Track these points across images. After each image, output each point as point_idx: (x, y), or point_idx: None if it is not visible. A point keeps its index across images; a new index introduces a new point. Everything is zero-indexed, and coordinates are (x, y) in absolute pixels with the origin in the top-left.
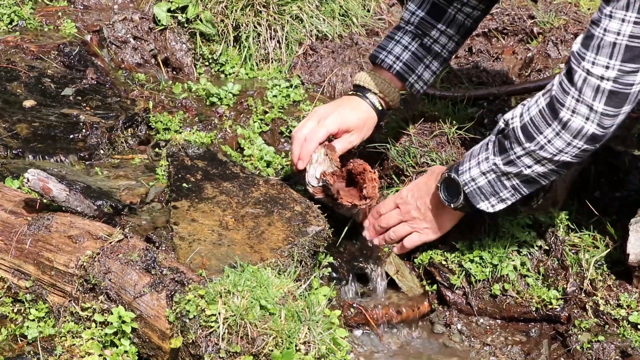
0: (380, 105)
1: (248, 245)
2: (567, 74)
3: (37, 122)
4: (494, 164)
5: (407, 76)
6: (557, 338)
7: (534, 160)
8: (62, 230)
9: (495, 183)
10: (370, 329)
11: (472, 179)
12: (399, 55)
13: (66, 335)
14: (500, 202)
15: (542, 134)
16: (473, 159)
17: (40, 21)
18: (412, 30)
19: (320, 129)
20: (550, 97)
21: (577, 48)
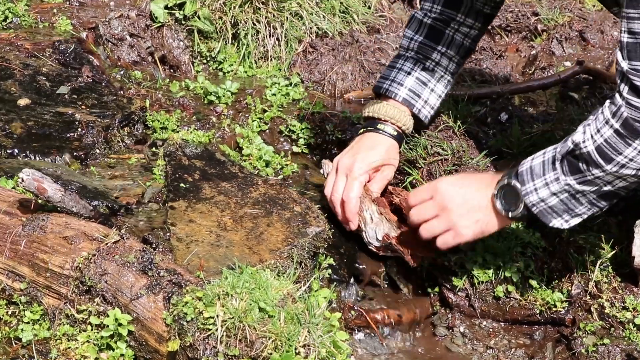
0: (395, 131)
1: (247, 247)
2: (633, 91)
3: (31, 121)
4: (567, 184)
5: (413, 102)
6: (562, 341)
7: (614, 177)
8: (57, 231)
9: (570, 201)
10: (371, 331)
11: (542, 200)
12: (402, 82)
13: (61, 338)
14: (575, 217)
15: (622, 154)
16: (538, 178)
17: (35, 18)
18: (413, 56)
19: (354, 184)
20: (623, 118)
21: (628, 65)
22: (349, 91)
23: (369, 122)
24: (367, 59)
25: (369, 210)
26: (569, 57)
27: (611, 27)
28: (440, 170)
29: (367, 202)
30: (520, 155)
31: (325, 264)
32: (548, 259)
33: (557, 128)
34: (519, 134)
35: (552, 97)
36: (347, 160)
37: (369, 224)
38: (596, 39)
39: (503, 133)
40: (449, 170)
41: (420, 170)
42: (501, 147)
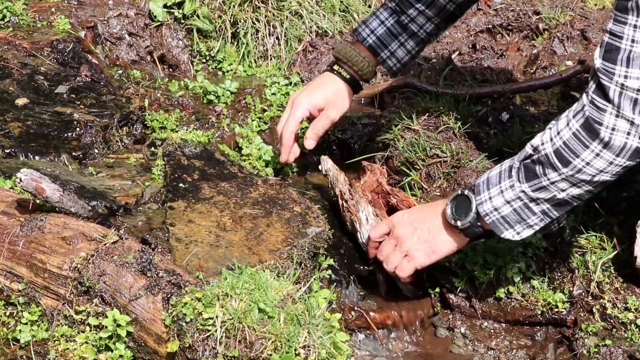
0: (348, 74)
1: (246, 247)
2: (599, 91)
3: (30, 120)
4: (522, 192)
5: (379, 51)
6: (563, 342)
7: (569, 184)
8: (55, 232)
9: (522, 210)
10: (371, 332)
11: (495, 209)
12: (374, 29)
13: (60, 339)
14: (527, 229)
15: (579, 157)
16: (493, 187)
17: (33, 17)
18: (392, 7)
19: (290, 119)
20: (584, 118)
21: (600, 63)
22: None
23: (331, 62)
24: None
25: (365, 211)
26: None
27: None
28: (439, 172)
29: (363, 203)
30: None
31: (325, 265)
32: (549, 259)
33: None
34: (520, 134)
35: (554, 96)
36: (295, 95)
37: (364, 225)
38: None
39: (504, 133)
40: (447, 172)
41: (419, 171)
42: (502, 147)
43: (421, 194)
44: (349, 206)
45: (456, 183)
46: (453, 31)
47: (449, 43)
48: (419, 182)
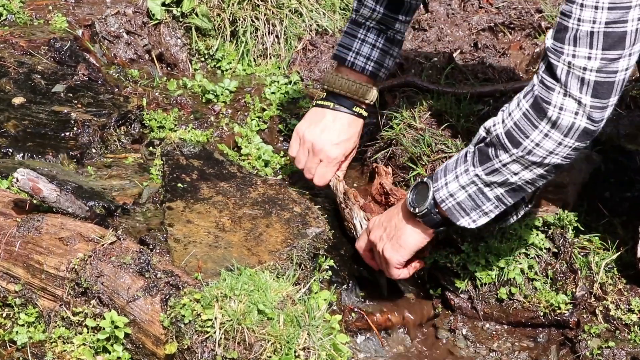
0: (360, 109)
1: (245, 248)
2: (548, 71)
3: (26, 120)
4: (476, 175)
5: (378, 72)
6: (566, 344)
7: (521, 166)
8: (52, 232)
9: (477, 196)
10: (372, 334)
11: (450, 194)
12: (369, 56)
13: (57, 340)
14: (482, 216)
15: (528, 137)
16: (449, 173)
17: (30, 15)
18: (376, 27)
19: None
20: (533, 98)
21: (551, 43)
22: None
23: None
24: None
25: (358, 217)
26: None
27: None
28: None
29: (355, 209)
30: None
31: (325, 266)
32: (552, 260)
33: None
34: None
35: None
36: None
37: (359, 230)
38: None
39: None
40: None
41: (425, 166)
42: None
43: None
44: (345, 214)
45: None
46: (455, 30)
47: (450, 41)
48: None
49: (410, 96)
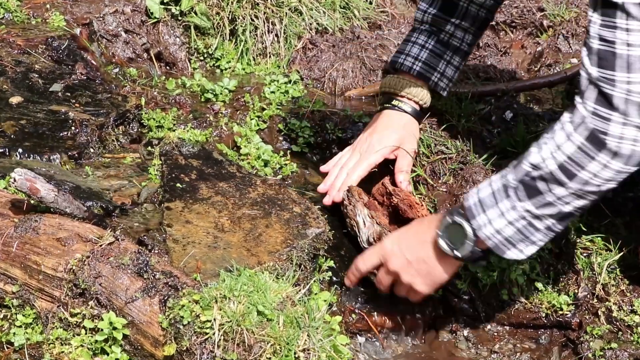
0: (410, 107)
1: (245, 248)
2: (602, 101)
3: (24, 119)
4: (526, 211)
5: (429, 75)
6: (568, 345)
7: (575, 197)
8: (50, 233)
9: (526, 229)
10: (372, 335)
11: (497, 231)
12: (417, 56)
13: (54, 342)
14: (531, 245)
15: (585, 169)
16: (489, 209)
17: (28, 14)
18: (427, 29)
19: (363, 163)
20: (589, 131)
21: (597, 72)
22: (350, 89)
23: (386, 98)
24: (369, 56)
25: (362, 215)
26: (576, 53)
27: None
28: (445, 169)
29: (359, 206)
30: None
31: (325, 266)
32: (554, 260)
33: None
34: (524, 133)
35: (558, 94)
36: (364, 139)
37: (362, 228)
38: None
39: (508, 132)
40: (453, 168)
41: (424, 168)
42: (506, 147)
43: (426, 191)
44: (347, 211)
45: (464, 180)
46: None
47: None
48: (425, 177)
49: None
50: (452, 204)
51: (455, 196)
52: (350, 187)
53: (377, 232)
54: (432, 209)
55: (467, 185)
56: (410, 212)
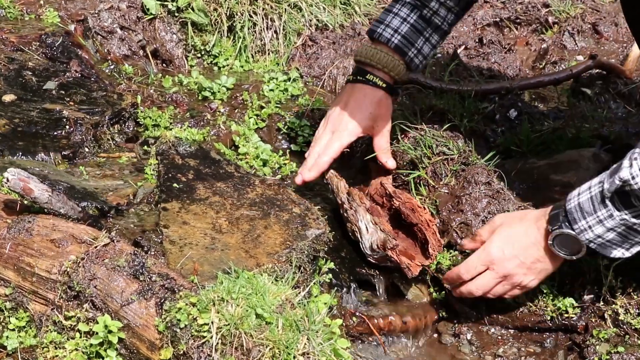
0: (383, 82)
1: (243, 250)
2: None
3: (17, 118)
4: (623, 219)
5: (406, 50)
6: (574, 349)
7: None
8: (44, 234)
9: (628, 233)
10: (373, 339)
11: (598, 236)
12: (397, 28)
13: (48, 346)
14: (635, 245)
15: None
16: (589, 216)
17: (21, 10)
18: (411, 2)
19: (335, 143)
20: None
21: None
22: None
23: (359, 70)
24: None
25: (364, 220)
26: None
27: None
28: (446, 170)
29: (361, 212)
30: (530, 154)
31: (325, 268)
32: None
33: (568, 125)
34: (528, 132)
35: (564, 92)
36: (337, 115)
37: (364, 234)
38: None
39: (512, 131)
40: (455, 169)
41: (425, 169)
42: (510, 146)
43: (427, 193)
44: (349, 216)
45: (465, 181)
46: (459, 25)
47: (454, 37)
48: (426, 178)
49: (412, 94)
50: (453, 205)
51: (457, 197)
52: (350, 190)
53: (381, 239)
54: (434, 211)
55: (469, 187)
56: (413, 217)
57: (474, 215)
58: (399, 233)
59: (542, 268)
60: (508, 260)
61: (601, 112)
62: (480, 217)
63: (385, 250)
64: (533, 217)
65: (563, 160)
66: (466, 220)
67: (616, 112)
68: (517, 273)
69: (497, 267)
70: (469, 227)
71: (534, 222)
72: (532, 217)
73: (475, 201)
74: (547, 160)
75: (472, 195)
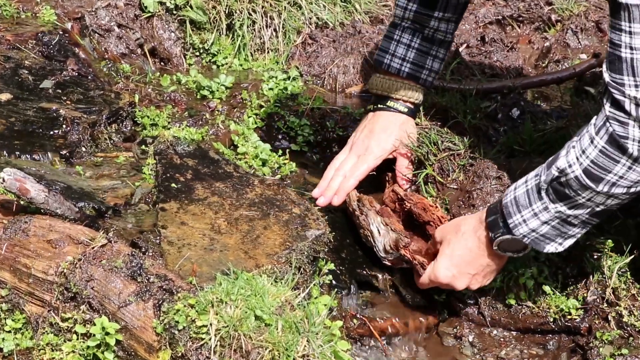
0: (406, 107)
1: (242, 251)
2: (615, 105)
3: (13, 117)
4: (558, 212)
5: (418, 75)
6: (577, 351)
7: (606, 197)
8: (40, 235)
9: (562, 225)
10: (374, 341)
11: (533, 230)
12: (403, 57)
13: (45, 348)
14: (568, 239)
15: (610, 172)
16: (524, 209)
17: (17, 8)
18: (410, 26)
19: (362, 166)
20: (608, 134)
21: (609, 76)
22: (351, 85)
23: (379, 98)
24: (370, 51)
25: (375, 223)
26: (585, 49)
27: None
28: (454, 165)
29: (372, 215)
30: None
31: (325, 270)
32: (562, 264)
33: (571, 124)
34: (531, 131)
35: (567, 91)
36: (361, 141)
37: (377, 237)
38: None
39: (514, 130)
40: (463, 164)
41: (432, 166)
42: (512, 145)
43: (436, 191)
44: (360, 221)
45: (475, 175)
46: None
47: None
48: (434, 175)
49: None
50: (464, 201)
51: (468, 192)
52: (360, 196)
53: (393, 239)
54: (445, 209)
55: (479, 181)
56: (425, 215)
57: None
58: (413, 236)
59: (492, 269)
60: (458, 279)
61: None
62: None
63: (399, 250)
64: (470, 228)
65: None
66: None
67: None
68: (471, 283)
69: (454, 286)
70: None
71: (472, 233)
72: (469, 228)
73: (487, 196)
74: None
75: (483, 190)
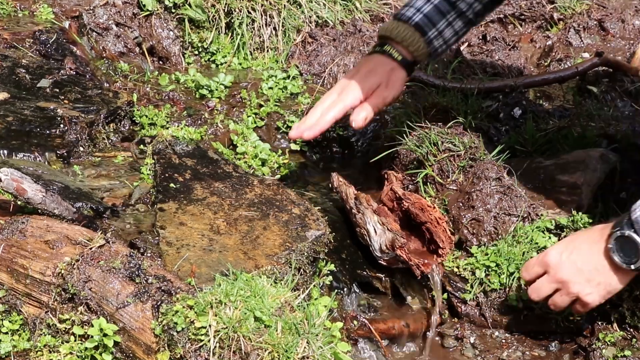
0: (400, 55)
1: (241, 251)
2: None
3: (10, 116)
4: None
5: (427, 29)
6: (579, 352)
7: None
8: (38, 235)
9: None
10: (375, 342)
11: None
12: (420, 8)
13: (42, 349)
14: None
15: None
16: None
17: (14, 6)
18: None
19: (339, 104)
20: None
21: None
22: None
23: (379, 43)
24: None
25: (371, 222)
26: (587, 48)
27: (632, 16)
28: (453, 167)
29: (368, 214)
30: (535, 154)
31: (325, 270)
32: None
33: (574, 124)
34: (533, 131)
35: (569, 90)
36: (345, 80)
37: (373, 237)
38: (616, 29)
39: (516, 129)
40: (462, 166)
41: (432, 166)
42: (514, 145)
43: (436, 193)
44: (357, 220)
45: (475, 177)
46: None
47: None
48: (434, 176)
49: (415, 92)
50: (463, 202)
51: (467, 193)
52: (357, 194)
53: (389, 239)
54: (444, 210)
55: (479, 182)
56: (423, 216)
57: (486, 212)
58: (410, 236)
59: (601, 280)
60: (565, 266)
61: (607, 111)
62: (492, 213)
63: (394, 250)
64: (599, 227)
65: (570, 161)
66: (477, 217)
67: (623, 111)
68: (572, 281)
69: (552, 270)
70: (480, 224)
71: (600, 231)
72: (601, 227)
73: (486, 197)
74: (554, 160)
75: (483, 191)
